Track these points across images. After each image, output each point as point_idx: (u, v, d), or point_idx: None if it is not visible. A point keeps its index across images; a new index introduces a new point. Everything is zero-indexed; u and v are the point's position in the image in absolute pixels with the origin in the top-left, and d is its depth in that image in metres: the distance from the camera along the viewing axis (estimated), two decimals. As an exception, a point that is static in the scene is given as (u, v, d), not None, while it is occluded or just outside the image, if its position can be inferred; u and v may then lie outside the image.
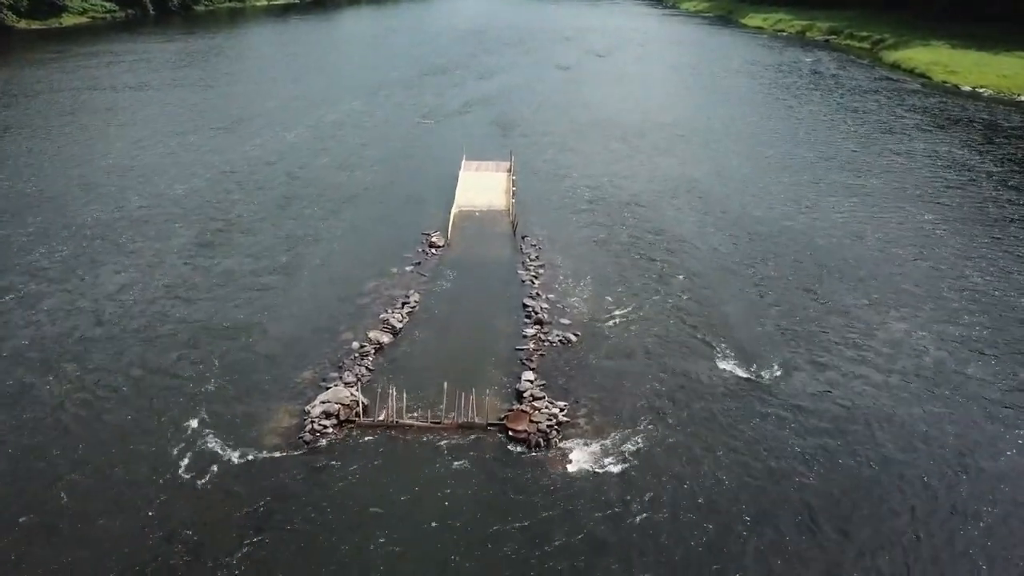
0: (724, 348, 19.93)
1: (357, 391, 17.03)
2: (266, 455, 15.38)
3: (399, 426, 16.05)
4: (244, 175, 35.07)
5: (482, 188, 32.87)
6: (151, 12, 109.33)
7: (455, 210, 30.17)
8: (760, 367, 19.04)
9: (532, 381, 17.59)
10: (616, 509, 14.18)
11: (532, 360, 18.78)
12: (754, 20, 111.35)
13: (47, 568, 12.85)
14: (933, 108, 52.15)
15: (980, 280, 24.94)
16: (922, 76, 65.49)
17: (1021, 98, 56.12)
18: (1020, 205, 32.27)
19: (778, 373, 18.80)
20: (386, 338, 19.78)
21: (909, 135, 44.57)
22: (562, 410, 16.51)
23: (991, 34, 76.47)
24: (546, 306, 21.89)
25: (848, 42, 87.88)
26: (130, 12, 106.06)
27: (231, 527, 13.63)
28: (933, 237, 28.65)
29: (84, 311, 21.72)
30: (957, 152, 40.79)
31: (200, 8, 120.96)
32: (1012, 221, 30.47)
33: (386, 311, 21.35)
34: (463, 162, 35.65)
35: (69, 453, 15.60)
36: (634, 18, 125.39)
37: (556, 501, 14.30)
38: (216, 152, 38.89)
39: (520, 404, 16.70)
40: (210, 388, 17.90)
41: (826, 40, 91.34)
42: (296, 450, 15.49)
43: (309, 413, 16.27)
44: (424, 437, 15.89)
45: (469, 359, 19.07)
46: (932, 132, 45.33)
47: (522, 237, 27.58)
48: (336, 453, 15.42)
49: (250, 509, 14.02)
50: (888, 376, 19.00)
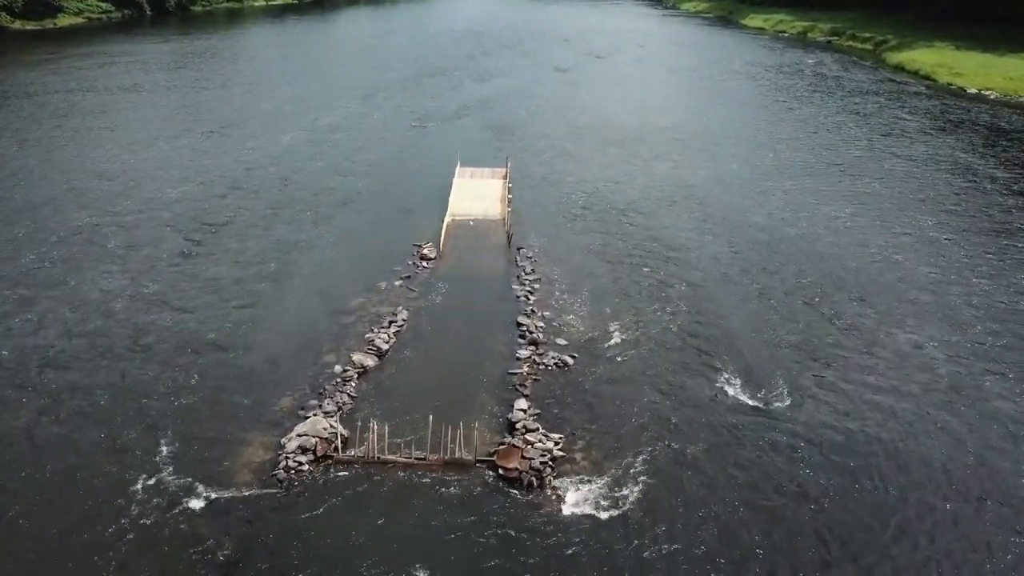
0: (729, 370, 18.76)
1: (337, 422, 15.85)
2: (236, 494, 14.19)
3: (380, 462, 14.86)
4: (238, 179, 34.28)
5: (477, 196, 31.70)
6: (148, 13, 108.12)
7: (448, 219, 29.01)
8: (768, 392, 17.87)
9: (525, 410, 16.40)
10: (614, 558, 13.00)
11: (526, 386, 17.60)
12: (755, 21, 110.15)
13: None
14: (938, 111, 51.03)
15: (987, 289, 23.99)
16: (926, 78, 64.31)
17: (1029, 101, 55.07)
18: (1029, 212, 31.27)
19: (787, 399, 17.63)
20: (371, 361, 18.58)
21: (914, 138, 43.46)
22: (557, 444, 15.33)
23: (995, 35, 75.26)
24: (541, 324, 20.71)
25: (850, 43, 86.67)
26: (126, 12, 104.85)
27: (193, 578, 12.47)
28: (938, 244, 27.65)
29: (66, 321, 20.93)
30: (962, 156, 39.71)
31: (197, 8, 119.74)
32: (1019, 227, 29.37)
33: (372, 330, 20.16)
34: (457, 168, 34.47)
35: (24, 484, 14.46)
36: (634, 19, 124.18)
37: (549, 548, 13.11)
38: (210, 155, 38.03)
39: (512, 437, 15.51)
40: (184, 412, 16.78)
41: (828, 41, 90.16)
42: (269, 489, 14.29)
43: (284, 447, 15.08)
44: (407, 475, 14.70)
45: (458, 385, 17.87)
46: (937, 135, 44.21)
47: (517, 248, 26.41)
48: (311, 494, 14.22)
49: (213, 558, 12.82)
50: (901, 397, 17.88)
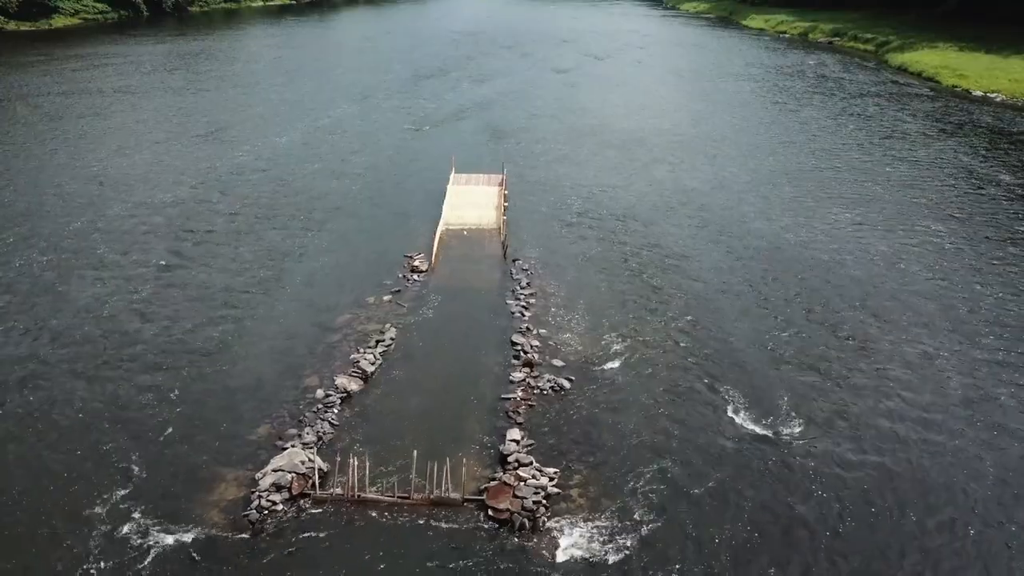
0: (734, 393, 17.69)
1: (315, 455, 14.77)
2: (203, 536, 13.10)
3: (360, 501, 13.77)
4: (231, 182, 33.54)
5: (471, 204, 30.63)
6: (144, 13, 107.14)
7: (441, 228, 27.94)
8: (775, 418, 16.80)
9: (518, 441, 15.31)
10: (614, 608, 11.96)
11: (519, 413, 16.52)
12: (755, 22, 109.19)
13: None
14: (942, 113, 49.99)
15: (995, 298, 23.16)
16: (930, 80, 63.26)
17: (1036, 103, 54.04)
18: (1037, 217, 30.29)
19: (796, 425, 16.56)
20: (355, 385, 17.51)
21: (917, 141, 42.47)
22: (552, 479, 14.25)
23: (1000, 36, 74.12)
24: (537, 343, 19.63)
25: (852, 44, 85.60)
26: (123, 13, 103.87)
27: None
28: (942, 250, 26.79)
29: (48, 330, 20.30)
30: (967, 160, 38.75)
31: (195, 9, 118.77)
32: (1026, 233, 28.51)
33: (358, 350, 19.08)
34: (452, 175, 33.41)
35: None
36: (633, 19, 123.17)
37: (543, 598, 12.08)
38: (204, 158, 37.25)
39: (503, 472, 14.42)
40: (157, 439, 15.76)
41: (829, 42, 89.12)
42: (239, 532, 13.18)
43: (258, 484, 14.00)
44: (389, 515, 13.60)
45: (447, 412, 16.78)
46: (941, 138, 43.19)
47: (513, 260, 25.35)
48: (284, 537, 13.12)
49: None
50: (915, 418, 16.90)
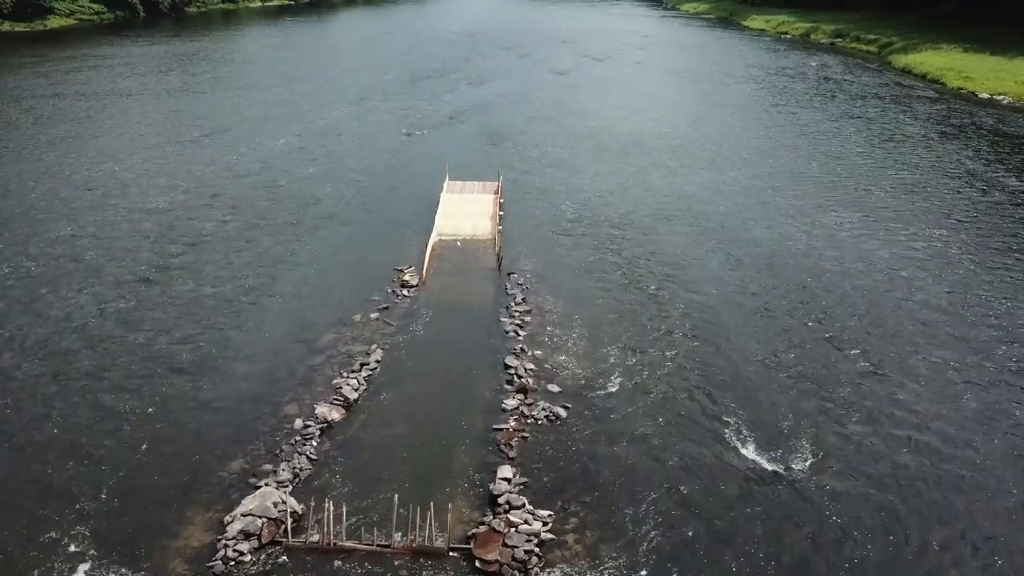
0: (740, 422, 16.58)
1: (289, 495, 13.64)
2: (165, 590, 12.04)
3: (337, 550, 12.64)
4: (225, 187, 32.79)
5: (466, 213, 29.51)
6: (141, 14, 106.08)
7: (434, 239, 26.85)
8: (785, 451, 15.67)
9: (510, 480, 14.19)
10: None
11: (511, 446, 15.40)
12: (756, 22, 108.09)
13: None
14: (947, 116, 48.91)
15: (1004, 308, 22.36)
16: (935, 82, 62.19)
17: (1043, 106, 52.96)
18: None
19: (807, 457, 15.44)
20: (336, 414, 16.39)
21: (922, 145, 41.43)
22: (546, 524, 13.12)
23: (1004, 37, 73.00)
24: (531, 367, 18.51)
25: (854, 45, 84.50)
26: (119, 14, 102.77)
27: None
28: (949, 259, 25.92)
29: (21, 341, 19.67)
30: (973, 164, 37.74)
31: (192, 10, 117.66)
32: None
33: (341, 374, 17.97)
34: (446, 182, 32.30)
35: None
36: (633, 20, 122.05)
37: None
38: (198, 162, 36.46)
39: (493, 516, 13.30)
40: (124, 471, 14.68)
41: (831, 43, 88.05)
42: (202, 586, 12.14)
43: (226, 531, 12.87)
44: (368, 566, 12.45)
45: (434, 445, 15.65)
46: (947, 142, 42.15)
47: (508, 273, 24.24)
48: (253, 592, 12.07)
49: None
50: (932, 444, 15.83)
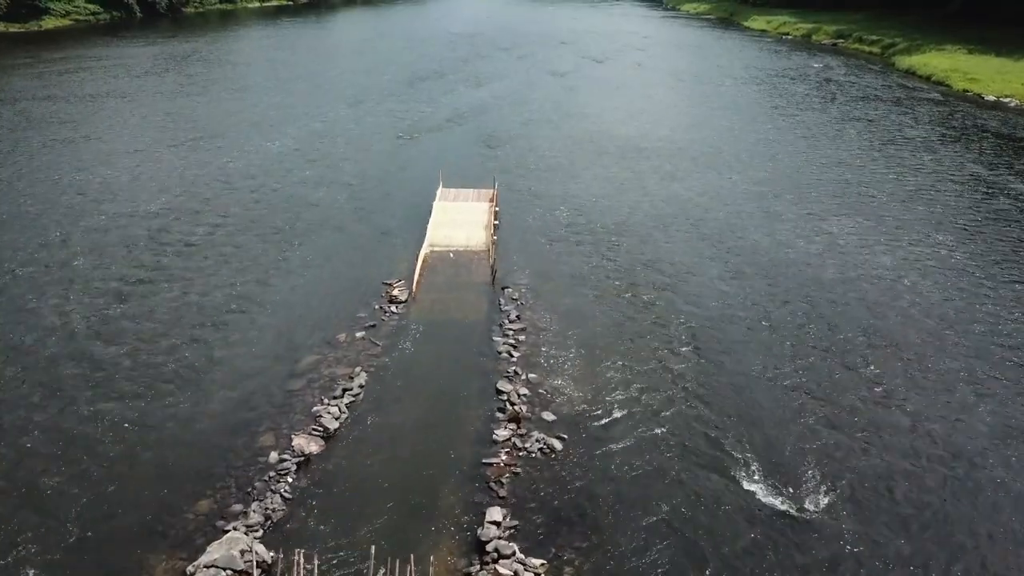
0: (749, 456, 15.46)
1: (259, 542, 12.54)
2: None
3: (308, 607, 11.58)
4: (217, 192, 31.99)
5: (459, 222, 28.37)
6: (138, 15, 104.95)
7: (426, 250, 25.75)
8: (797, 488, 14.56)
9: (499, 524, 13.05)
10: None
11: (502, 483, 14.28)
12: (757, 23, 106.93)
13: None
14: (954, 119, 47.82)
15: (1013, 315, 21.62)
16: (940, 84, 61.06)
17: (1052, 110, 51.86)
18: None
19: (821, 496, 14.33)
20: (315, 446, 15.28)
21: (927, 149, 40.37)
22: (538, 575, 12.04)
23: (1008, 39, 71.94)
24: (525, 392, 17.39)
25: (857, 46, 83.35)
26: (115, 14, 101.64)
27: None
28: (956, 268, 25.05)
29: (18, 349, 19.09)
30: (979, 169, 36.75)
31: (190, 10, 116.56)
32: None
33: (322, 401, 16.85)
34: (439, 189, 31.20)
35: None
36: (633, 20, 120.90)
37: None
38: (191, 166, 35.60)
39: (480, 566, 12.18)
40: (79, 506, 13.58)
41: (833, 44, 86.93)
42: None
43: (186, 584, 11.79)
44: (342, 625, 11.44)
45: (419, 482, 14.50)
46: (952, 146, 41.13)
47: (502, 287, 23.15)
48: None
49: None
50: (953, 478, 14.68)
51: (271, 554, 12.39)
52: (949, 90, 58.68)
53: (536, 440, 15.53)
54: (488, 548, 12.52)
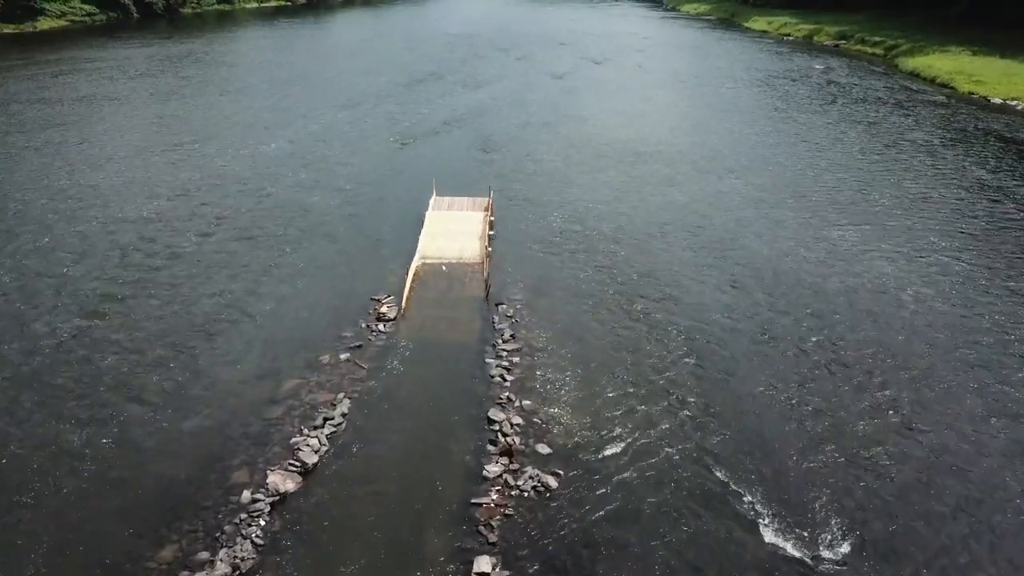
0: (760, 495, 14.37)
1: (225, 598, 11.52)
2: None
3: (275, 677, 10.52)
4: (211, 196, 31.15)
5: (453, 233, 27.28)
6: (134, 15, 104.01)
7: (417, 262, 24.66)
8: (814, 534, 13.44)
9: (488, 574, 12.01)
10: None
11: (492, 526, 13.20)
12: (758, 23, 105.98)
13: None
14: (960, 123, 46.68)
15: (1022, 326, 20.60)
16: (944, 86, 60.00)
17: (1061, 113, 50.81)
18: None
19: (840, 542, 13.23)
20: (291, 483, 14.20)
21: (933, 153, 39.27)
22: (529, 638, 11.00)
23: (1013, 41, 70.97)
24: (518, 421, 16.30)
25: (859, 47, 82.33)
26: (111, 15, 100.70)
27: None
28: (965, 279, 24.05)
29: None
30: (985, 173, 35.67)
31: (187, 11, 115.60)
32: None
33: (301, 432, 15.76)
34: (432, 198, 30.11)
35: None
36: (633, 21, 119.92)
37: None
38: (184, 170, 34.76)
39: (466, 627, 11.18)
40: (31, 565, 12.42)
41: (835, 45, 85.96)
42: None
43: (141, 649, 10.74)
44: None
45: (402, 526, 13.41)
46: (957, 149, 40.02)
47: (496, 304, 22.07)
48: None
49: None
50: (978, 519, 13.56)
51: (237, 612, 11.34)
52: (954, 92, 57.64)
53: (529, 477, 14.44)
54: (475, 604, 11.46)
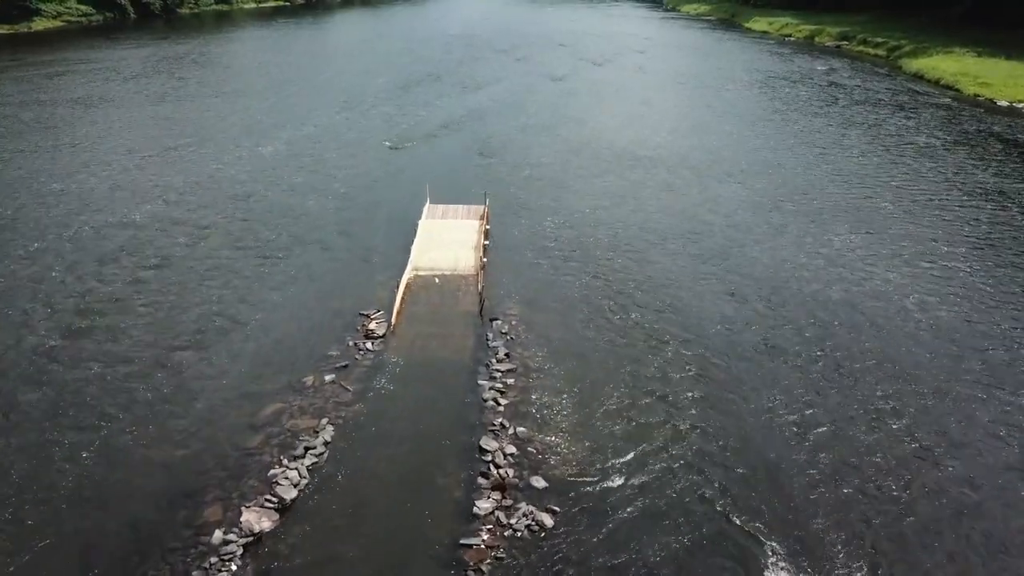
0: (771, 533, 13.37)
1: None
2: None
3: None
4: (205, 200, 30.65)
5: (447, 242, 26.32)
6: (131, 16, 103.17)
7: (409, 274, 23.70)
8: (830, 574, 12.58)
9: (477, 630, 11.10)
10: None
11: (482, 571, 12.25)
12: (759, 24, 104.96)
13: None
14: (966, 126, 45.73)
15: None
16: (950, 88, 59.04)
17: (1069, 116, 49.87)
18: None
19: (856, 584, 12.36)
20: (267, 522, 13.22)
21: (938, 157, 38.35)
22: None
23: (1016, 42, 70.07)
24: (512, 450, 15.32)
25: (862, 48, 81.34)
26: (108, 15, 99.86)
27: None
28: (973, 288, 23.21)
29: None
30: (992, 178, 34.78)
31: (184, 11, 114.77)
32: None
33: (280, 462, 14.78)
34: (427, 206, 29.16)
35: None
36: (633, 22, 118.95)
37: None
38: (179, 173, 34.12)
39: None
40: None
41: (837, 46, 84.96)
42: None
43: None
44: None
45: (384, 569, 12.42)
46: (963, 154, 39.07)
47: (491, 319, 21.11)
48: None
49: None
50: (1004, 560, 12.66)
51: (201, 673, 10.38)
52: (959, 95, 56.69)
53: (523, 514, 13.46)
54: (462, 666, 10.51)
